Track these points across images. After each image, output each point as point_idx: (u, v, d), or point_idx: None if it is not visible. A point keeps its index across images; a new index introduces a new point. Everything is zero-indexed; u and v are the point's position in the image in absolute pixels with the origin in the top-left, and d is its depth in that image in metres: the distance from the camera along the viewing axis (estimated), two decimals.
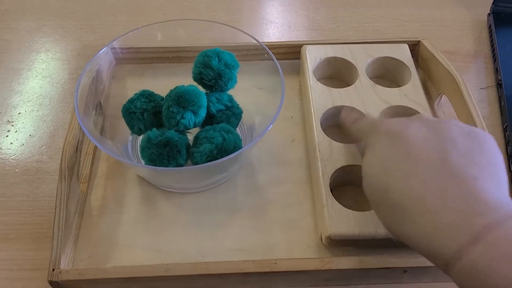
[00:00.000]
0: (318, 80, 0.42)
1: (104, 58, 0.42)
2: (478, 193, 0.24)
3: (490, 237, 0.22)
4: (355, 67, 0.43)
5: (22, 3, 0.56)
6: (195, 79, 0.39)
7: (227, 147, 0.35)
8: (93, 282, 0.32)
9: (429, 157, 0.26)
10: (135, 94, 0.39)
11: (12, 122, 0.44)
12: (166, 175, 0.37)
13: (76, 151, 0.37)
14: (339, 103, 0.40)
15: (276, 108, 0.35)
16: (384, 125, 0.29)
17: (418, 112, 0.39)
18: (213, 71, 0.38)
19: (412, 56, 0.44)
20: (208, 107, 0.38)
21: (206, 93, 0.39)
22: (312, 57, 0.44)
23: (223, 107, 0.39)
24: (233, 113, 0.39)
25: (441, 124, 0.28)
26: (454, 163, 0.25)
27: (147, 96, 0.39)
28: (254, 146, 0.40)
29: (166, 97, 0.37)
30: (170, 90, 0.37)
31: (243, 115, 0.40)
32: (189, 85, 0.37)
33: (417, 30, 0.53)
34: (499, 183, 0.25)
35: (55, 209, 0.33)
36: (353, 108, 0.39)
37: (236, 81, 0.40)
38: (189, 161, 0.37)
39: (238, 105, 0.40)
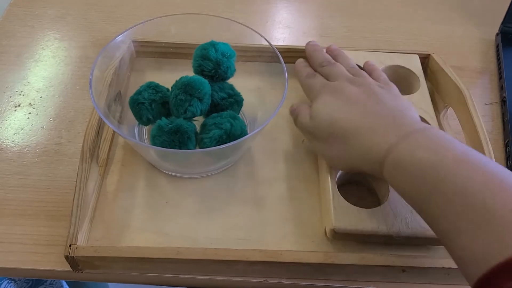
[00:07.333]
0: None
1: (126, 50, 0.44)
2: (404, 113, 0.34)
3: (412, 137, 0.30)
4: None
5: None
6: (196, 72, 0.42)
7: (235, 132, 0.37)
8: (107, 259, 0.34)
9: (364, 100, 0.35)
10: (141, 86, 0.41)
11: (34, 105, 0.46)
12: (179, 158, 0.39)
13: (98, 135, 0.38)
14: None
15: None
16: (329, 86, 0.38)
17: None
18: (211, 61, 0.40)
19: (422, 68, 0.46)
20: (212, 95, 0.40)
21: (209, 83, 0.40)
22: None
23: (226, 95, 0.41)
24: (235, 100, 0.42)
25: (364, 80, 0.38)
26: (384, 101, 0.35)
27: (153, 87, 0.40)
28: (259, 138, 0.42)
29: (172, 87, 0.39)
30: (176, 81, 0.39)
31: (248, 110, 0.43)
32: (193, 75, 0.39)
33: (427, 44, 0.54)
34: (415, 112, 0.36)
35: (75, 188, 0.35)
36: (306, 63, 0.43)
37: (234, 69, 0.42)
38: (197, 147, 0.39)
39: (239, 93, 0.42)
